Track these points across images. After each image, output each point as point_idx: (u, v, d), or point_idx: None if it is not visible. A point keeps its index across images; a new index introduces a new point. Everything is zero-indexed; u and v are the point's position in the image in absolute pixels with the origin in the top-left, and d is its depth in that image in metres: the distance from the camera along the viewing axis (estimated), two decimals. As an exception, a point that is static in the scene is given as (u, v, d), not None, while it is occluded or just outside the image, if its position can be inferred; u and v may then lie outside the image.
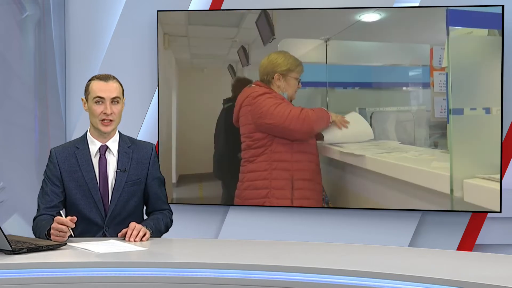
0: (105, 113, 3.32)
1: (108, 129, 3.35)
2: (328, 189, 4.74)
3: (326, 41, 4.69)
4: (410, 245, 4.69)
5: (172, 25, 4.86)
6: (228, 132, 4.84)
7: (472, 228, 4.67)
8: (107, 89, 3.33)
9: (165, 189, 3.52)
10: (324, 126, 4.71)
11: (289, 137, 4.71)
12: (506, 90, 4.50)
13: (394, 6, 4.66)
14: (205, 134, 4.87)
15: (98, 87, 3.33)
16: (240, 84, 4.80)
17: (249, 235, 4.74)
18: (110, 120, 3.33)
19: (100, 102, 3.33)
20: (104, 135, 3.38)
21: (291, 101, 4.74)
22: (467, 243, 4.66)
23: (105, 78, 3.36)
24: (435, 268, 2.75)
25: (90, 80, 3.38)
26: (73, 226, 3.12)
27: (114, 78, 3.38)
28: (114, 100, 3.34)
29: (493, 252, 4.31)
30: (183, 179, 4.94)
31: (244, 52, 4.80)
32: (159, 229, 3.37)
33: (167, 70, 4.89)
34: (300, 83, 4.73)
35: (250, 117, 4.77)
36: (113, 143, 3.40)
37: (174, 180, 4.92)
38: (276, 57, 4.73)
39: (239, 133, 4.81)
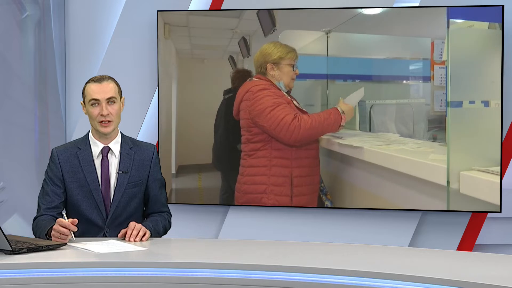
0: (102, 115, 3.31)
1: (108, 130, 3.34)
2: (327, 181, 4.75)
3: (327, 33, 4.70)
4: (410, 245, 4.69)
5: (172, 15, 4.86)
6: (228, 123, 4.84)
7: (472, 228, 4.67)
8: (101, 91, 3.32)
9: (165, 192, 3.52)
10: (328, 132, 4.72)
11: (281, 142, 4.71)
12: (506, 92, 4.50)
13: (394, 6, 4.66)
14: (205, 125, 4.88)
15: (93, 89, 3.32)
16: (240, 75, 4.81)
17: (249, 235, 4.74)
18: (108, 121, 3.33)
19: (96, 104, 3.32)
20: (105, 137, 3.37)
21: (289, 90, 4.74)
22: (467, 243, 4.67)
23: (99, 79, 3.34)
24: (435, 268, 2.75)
25: (86, 83, 3.38)
26: (75, 229, 3.11)
27: (109, 78, 3.36)
28: (110, 100, 3.33)
29: (493, 252, 4.31)
30: (182, 170, 4.95)
31: (245, 43, 4.80)
32: (157, 231, 3.37)
33: (167, 60, 4.90)
34: (296, 69, 4.73)
35: (248, 112, 4.78)
36: (115, 145, 3.40)
37: (173, 171, 4.93)
38: (267, 47, 4.75)
39: (239, 125, 4.81)
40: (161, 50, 4.88)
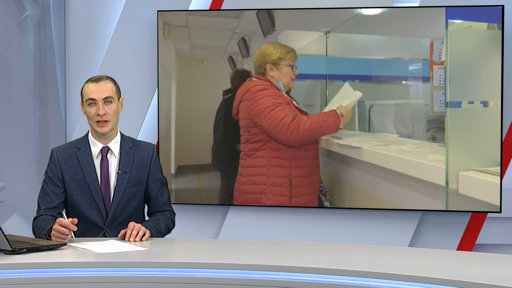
0: (98, 114, 3.31)
1: (105, 130, 3.34)
2: (326, 181, 4.75)
3: (326, 34, 4.70)
4: (410, 245, 4.69)
5: (172, 15, 4.86)
6: (227, 123, 4.84)
7: (472, 228, 4.67)
8: (98, 90, 3.31)
9: (167, 191, 3.51)
10: (326, 134, 4.72)
11: (280, 143, 4.72)
12: (506, 92, 4.50)
13: (394, 6, 4.66)
14: (204, 125, 4.89)
15: (90, 89, 3.32)
16: (239, 76, 4.81)
17: (249, 235, 4.74)
18: (105, 121, 3.32)
19: (93, 104, 3.32)
20: (104, 137, 3.37)
21: (289, 90, 4.74)
22: (467, 243, 4.67)
23: (96, 79, 3.35)
24: (435, 268, 2.75)
25: (84, 84, 3.38)
26: (75, 229, 3.11)
27: (107, 78, 3.36)
28: (107, 100, 3.32)
29: (493, 252, 4.31)
30: (181, 170, 4.95)
31: (244, 44, 4.81)
32: (159, 230, 3.36)
33: (167, 61, 4.90)
34: (295, 70, 4.73)
35: (247, 112, 4.78)
36: (114, 145, 3.40)
37: (172, 171, 4.93)
38: (266, 47, 4.75)
39: (238, 125, 4.82)
40: (161, 50, 4.88)
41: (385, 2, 4.67)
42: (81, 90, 3.37)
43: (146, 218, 3.50)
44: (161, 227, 3.38)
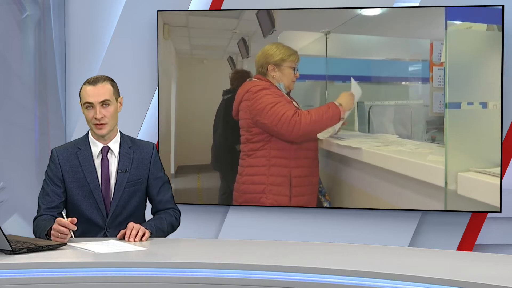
0: (96, 118, 3.31)
1: (103, 132, 3.34)
2: (325, 181, 4.75)
3: (326, 34, 4.70)
4: (410, 245, 4.69)
5: (172, 15, 4.87)
6: (226, 124, 4.85)
7: (472, 228, 4.67)
8: (95, 94, 3.30)
9: (170, 188, 3.50)
10: (329, 126, 4.72)
11: (282, 139, 4.72)
12: (506, 91, 4.50)
13: (394, 6, 4.66)
14: (204, 125, 4.89)
15: (87, 92, 3.31)
16: (239, 76, 4.81)
17: (249, 235, 4.74)
18: (103, 124, 3.32)
19: (90, 107, 3.31)
20: (104, 137, 3.38)
21: (289, 91, 4.74)
22: (467, 243, 4.67)
23: (94, 81, 3.32)
24: (435, 268, 2.75)
25: (82, 85, 3.37)
26: (75, 228, 3.11)
27: (105, 79, 3.34)
28: (104, 103, 3.31)
29: (493, 252, 4.31)
30: (181, 170, 4.96)
31: (244, 44, 4.81)
32: (161, 228, 3.35)
33: (167, 61, 4.90)
34: (297, 72, 4.74)
35: (248, 112, 4.78)
36: (114, 144, 3.40)
37: (172, 171, 4.93)
38: (269, 48, 4.75)
39: (238, 125, 4.82)
40: (161, 50, 4.89)
41: (385, 2, 4.67)
42: (80, 92, 3.37)
43: (147, 218, 3.51)
44: (164, 225, 3.37)
